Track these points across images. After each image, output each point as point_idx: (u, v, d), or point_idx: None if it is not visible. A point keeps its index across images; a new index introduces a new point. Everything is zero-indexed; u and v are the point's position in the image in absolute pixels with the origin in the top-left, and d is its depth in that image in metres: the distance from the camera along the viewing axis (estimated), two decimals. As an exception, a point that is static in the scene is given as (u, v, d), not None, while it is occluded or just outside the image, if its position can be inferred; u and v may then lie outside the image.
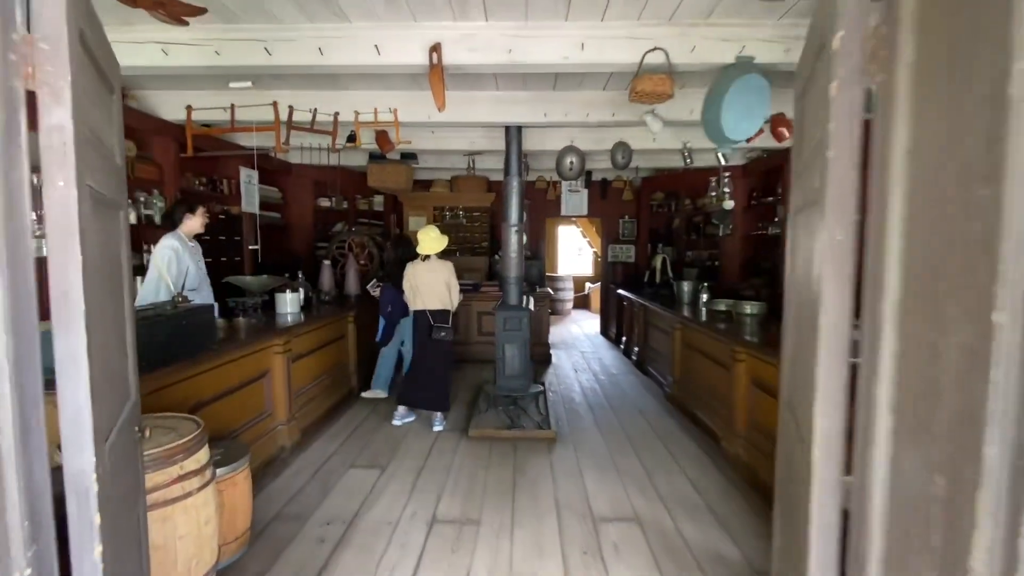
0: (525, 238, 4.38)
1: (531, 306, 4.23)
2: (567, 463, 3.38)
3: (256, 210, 5.97)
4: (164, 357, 2.33)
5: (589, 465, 3.36)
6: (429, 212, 7.66)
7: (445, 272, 4.05)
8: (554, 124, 4.61)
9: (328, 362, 4.36)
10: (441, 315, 3.96)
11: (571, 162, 5.38)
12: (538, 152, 6.26)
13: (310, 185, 7.01)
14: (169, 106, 4.52)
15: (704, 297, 4.30)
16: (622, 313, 7.18)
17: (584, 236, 11.41)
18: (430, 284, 3.97)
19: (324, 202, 7.09)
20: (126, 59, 3.26)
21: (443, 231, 7.64)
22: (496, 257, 7.29)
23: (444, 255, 4.23)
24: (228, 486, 2.25)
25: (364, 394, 4.49)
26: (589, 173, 7.17)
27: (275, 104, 4.32)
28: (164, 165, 4.58)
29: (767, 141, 5.06)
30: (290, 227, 6.99)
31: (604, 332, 8.29)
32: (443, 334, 3.93)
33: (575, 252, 12.43)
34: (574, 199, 7.89)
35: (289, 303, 4.09)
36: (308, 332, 3.98)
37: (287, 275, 4.25)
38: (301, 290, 4.30)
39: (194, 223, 3.39)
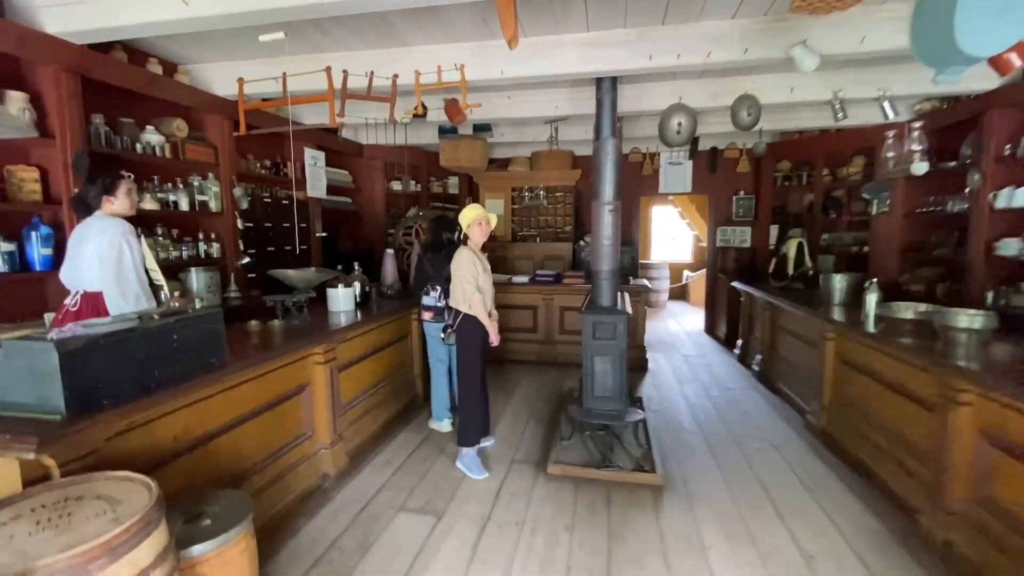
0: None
1: (628, 307, 3.30)
2: (682, 528, 2.47)
3: (322, 194, 5.55)
4: (143, 385, 1.76)
5: (714, 533, 2.42)
6: (507, 193, 6.90)
7: (456, 260, 3.08)
8: (662, 71, 3.58)
9: (386, 367, 3.77)
10: (454, 315, 3.09)
11: (679, 124, 4.32)
12: (634, 116, 5.23)
13: (381, 167, 6.52)
14: (222, 81, 4.11)
15: (873, 298, 3.11)
16: (736, 310, 5.96)
17: (683, 217, 10.05)
18: (453, 275, 3.12)
19: (396, 185, 6.59)
20: (143, 14, 2.77)
21: (520, 214, 7.00)
22: (581, 243, 6.37)
23: (524, 241, 3.42)
24: (216, 566, 1.64)
25: (431, 424, 3.77)
26: (695, 141, 5.98)
27: (328, 70, 3.73)
28: (219, 146, 4.20)
29: (963, 83, 3.69)
30: (362, 213, 6.57)
31: (710, 331, 7.07)
32: (441, 336, 3.21)
33: (668, 236, 11.10)
34: (675, 173, 6.71)
35: (341, 300, 3.52)
36: (362, 334, 3.38)
37: (339, 267, 3.70)
38: (357, 284, 3.73)
39: (119, 204, 2.50)
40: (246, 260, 4.35)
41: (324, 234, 5.59)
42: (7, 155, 2.91)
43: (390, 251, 4.34)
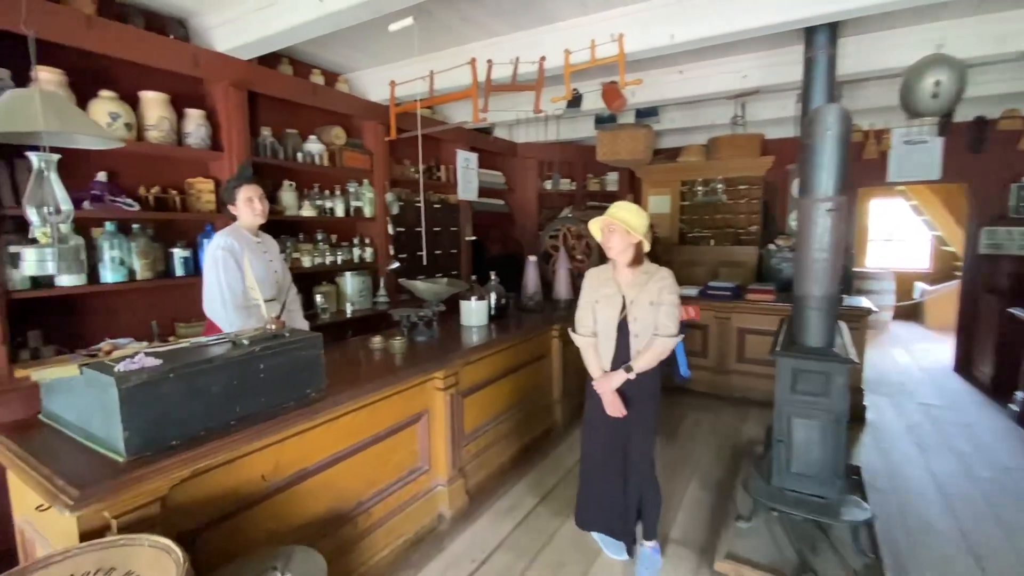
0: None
1: (850, 349, 2.29)
2: None
3: (473, 197, 5.40)
4: (221, 421, 1.55)
5: None
6: (675, 188, 5.96)
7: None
8: (914, 6, 2.43)
9: (520, 391, 3.33)
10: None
11: (936, 84, 3.09)
12: (855, 81, 3.95)
13: (535, 166, 6.18)
14: (376, 86, 4.12)
15: None
16: (1013, 346, 4.16)
17: (920, 212, 7.73)
18: None
19: (548, 183, 6.18)
20: (286, 20, 2.73)
21: (691, 212, 5.97)
22: (771, 247, 5.15)
23: (695, 244, 2.61)
24: (269, 661, 1.33)
25: None
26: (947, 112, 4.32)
27: (472, 62, 3.43)
28: (374, 152, 4.23)
29: None
30: (514, 215, 6.32)
31: (963, 370, 5.16)
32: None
33: (885, 236, 8.72)
34: (915, 155, 5.01)
35: (474, 313, 3.18)
36: (492, 354, 2.98)
37: (474, 277, 3.36)
38: (493, 295, 3.36)
39: (240, 214, 2.47)
40: (395, 265, 4.33)
41: (473, 238, 5.43)
42: (191, 168, 3.19)
43: (533, 258, 3.89)
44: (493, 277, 3.43)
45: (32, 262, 1.33)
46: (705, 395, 4.49)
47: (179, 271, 3.01)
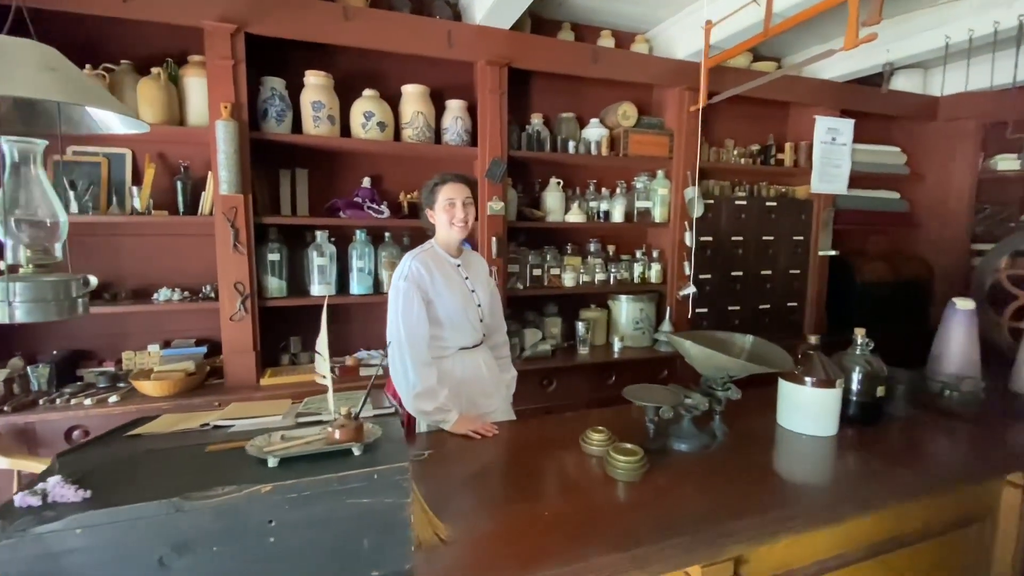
0: None
1: None
2: None
3: (840, 189, 3.50)
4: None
5: None
6: None
7: None
8: None
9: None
10: None
11: None
12: None
13: (974, 133, 3.65)
14: (686, 36, 2.93)
15: None
16: None
17: None
18: None
19: (1004, 161, 3.53)
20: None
21: None
22: None
23: None
24: None
25: None
26: None
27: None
28: (676, 131, 3.05)
29: None
30: (918, 216, 3.93)
31: None
32: None
33: None
34: None
35: (806, 411, 1.65)
36: (843, 519, 1.42)
37: (805, 334, 1.72)
38: (856, 374, 1.73)
39: (437, 223, 1.80)
40: (691, 290, 3.05)
41: (833, 253, 3.51)
42: (448, 169, 2.81)
43: (963, 303, 1.93)
44: (860, 338, 1.75)
45: (-7, 302, 0.87)
46: None
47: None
